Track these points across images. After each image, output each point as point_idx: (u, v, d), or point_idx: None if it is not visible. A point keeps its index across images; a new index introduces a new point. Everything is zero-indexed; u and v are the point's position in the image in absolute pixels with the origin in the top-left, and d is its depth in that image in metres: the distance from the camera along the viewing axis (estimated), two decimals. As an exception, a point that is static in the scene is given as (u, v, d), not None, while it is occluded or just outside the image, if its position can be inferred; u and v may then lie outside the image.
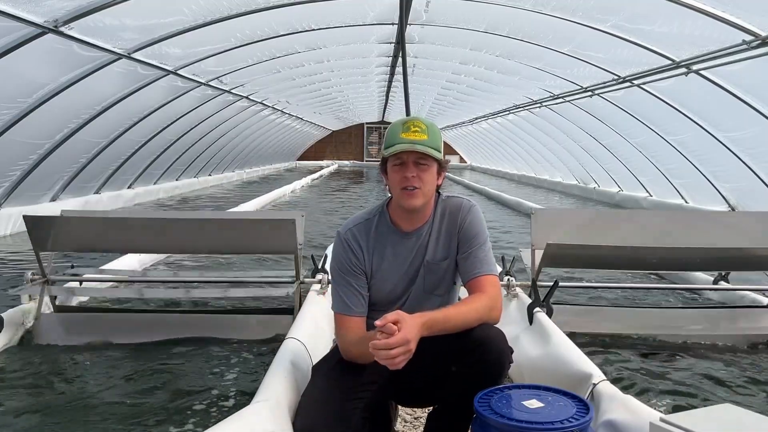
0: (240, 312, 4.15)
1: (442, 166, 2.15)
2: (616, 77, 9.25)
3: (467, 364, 1.96)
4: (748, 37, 5.92)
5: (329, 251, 4.28)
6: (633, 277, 5.48)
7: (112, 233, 3.85)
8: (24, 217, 3.62)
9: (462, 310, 2.00)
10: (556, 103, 12.90)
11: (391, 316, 1.81)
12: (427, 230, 2.21)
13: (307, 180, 19.46)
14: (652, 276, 5.52)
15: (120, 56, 7.24)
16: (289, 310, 3.77)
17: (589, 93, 10.71)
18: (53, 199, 8.89)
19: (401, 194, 2.12)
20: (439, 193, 2.25)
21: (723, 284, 4.37)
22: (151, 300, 4.48)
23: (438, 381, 2.08)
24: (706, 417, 1.70)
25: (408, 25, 8.93)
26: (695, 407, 2.23)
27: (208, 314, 4.15)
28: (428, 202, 2.18)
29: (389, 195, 2.25)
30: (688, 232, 3.92)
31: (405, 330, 1.78)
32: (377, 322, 1.80)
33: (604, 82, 9.79)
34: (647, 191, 12.10)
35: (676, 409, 2.86)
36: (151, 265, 5.67)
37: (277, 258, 5.97)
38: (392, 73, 14.79)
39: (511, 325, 3.29)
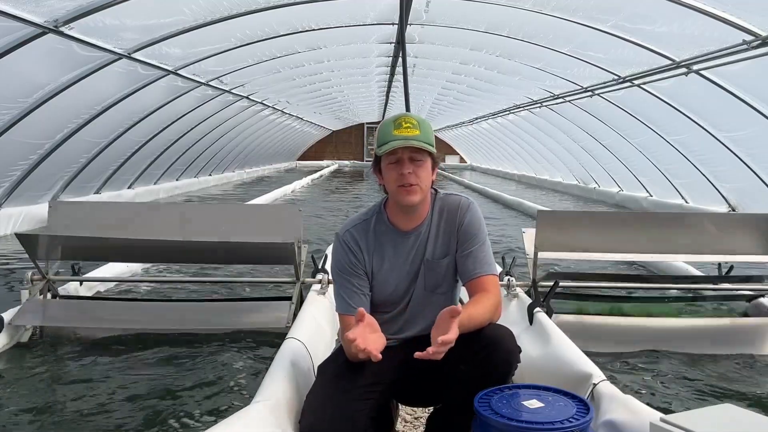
0: (240, 312, 4.15)
1: (435, 160, 2.16)
2: (616, 77, 9.24)
3: (476, 363, 1.96)
4: (748, 37, 5.92)
5: (329, 251, 4.28)
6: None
7: (113, 219, 3.88)
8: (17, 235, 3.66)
9: (479, 310, 2.02)
10: (557, 103, 12.90)
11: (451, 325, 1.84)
12: (426, 228, 2.21)
13: (307, 180, 19.45)
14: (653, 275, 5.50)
15: (120, 56, 7.24)
16: (290, 310, 3.76)
17: (590, 93, 10.70)
18: (53, 200, 8.88)
19: (398, 191, 2.11)
20: (435, 190, 2.25)
21: (723, 284, 4.36)
22: (151, 300, 4.48)
23: (445, 380, 2.07)
24: (706, 417, 1.70)
25: (408, 25, 8.92)
26: (695, 407, 2.22)
27: (209, 302, 4.16)
28: (425, 199, 2.18)
29: (385, 195, 2.24)
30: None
31: (453, 331, 1.82)
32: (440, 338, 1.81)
33: (605, 82, 9.79)
34: (647, 191, 12.10)
35: (676, 409, 2.85)
36: (151, 265, 5.67)
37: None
38: (392, 73, 14.77)
39: (511, 325, 3.23)
